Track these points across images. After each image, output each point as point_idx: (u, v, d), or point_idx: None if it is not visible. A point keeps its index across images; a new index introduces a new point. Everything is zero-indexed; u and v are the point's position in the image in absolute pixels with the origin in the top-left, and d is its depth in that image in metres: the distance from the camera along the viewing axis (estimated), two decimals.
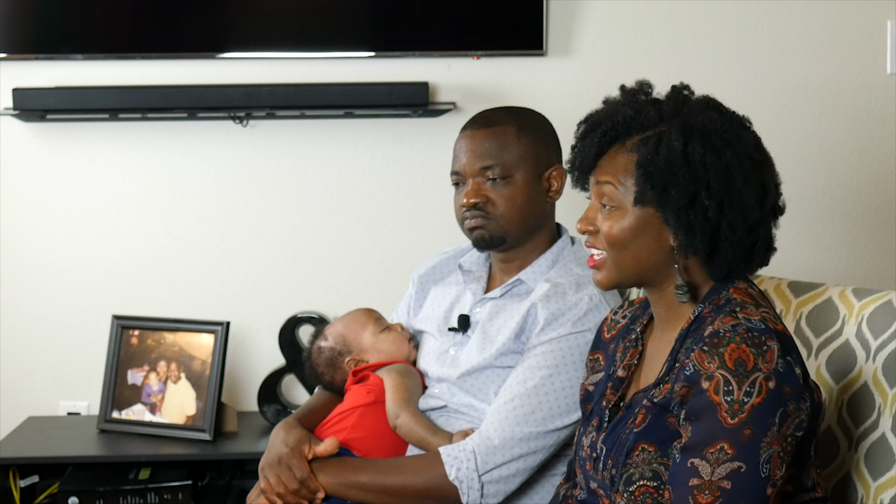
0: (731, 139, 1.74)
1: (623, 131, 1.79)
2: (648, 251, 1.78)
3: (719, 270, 1.77)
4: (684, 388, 1.68)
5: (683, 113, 1.78)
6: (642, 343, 1.90)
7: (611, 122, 1.80)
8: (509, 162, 2.26)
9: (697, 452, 1.64)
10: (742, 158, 1.74)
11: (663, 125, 1.77)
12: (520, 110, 2.39)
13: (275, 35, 3.08)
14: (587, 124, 1.85)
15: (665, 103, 1.81)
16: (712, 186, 1.72)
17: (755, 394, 1.62)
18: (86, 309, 3.14)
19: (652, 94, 1.84)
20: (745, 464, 1.62)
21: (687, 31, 3.11)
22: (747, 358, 1.64)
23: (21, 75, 3.05)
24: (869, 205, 3.15)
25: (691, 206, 1.72)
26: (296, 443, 2.18)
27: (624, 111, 1.80)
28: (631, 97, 1.84)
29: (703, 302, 1.78)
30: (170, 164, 3.13)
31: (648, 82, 1.85)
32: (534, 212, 2.29)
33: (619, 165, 1.78)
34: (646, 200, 1.75)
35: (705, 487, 1.63)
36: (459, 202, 2.30)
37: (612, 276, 1.82)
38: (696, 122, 1.75)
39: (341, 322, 2.46)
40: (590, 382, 1.98)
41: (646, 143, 1.76)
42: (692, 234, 1.74)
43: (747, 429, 1.62)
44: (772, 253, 1.81)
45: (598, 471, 1.81)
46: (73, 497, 2.78)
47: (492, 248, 2.31)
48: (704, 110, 1.78)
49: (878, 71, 3.13)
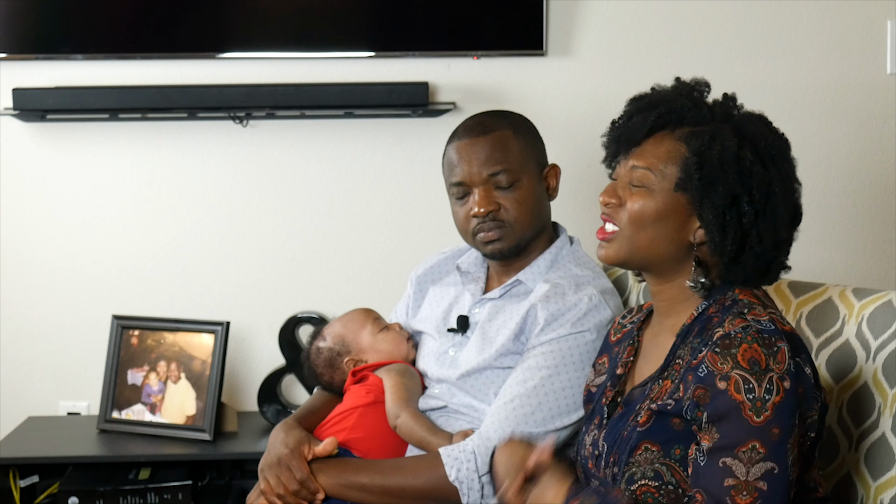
0: (776, 156, 1.78)
1: (677, 119, 1.81)
2: (667, 238, 1.79)
3: (735, 277, 1.79)
4: (700, 390, 1.68)
5: (736, 119, 1.82)
6: (638, 340, 1.90)
7: (668, 107, 1.81)
8: (515, 166, 2.25)
9: (729, 452, 1.64)
10: (784, 177, 1.78)
11: (716, 125, 1.80)
12: (506, 113, 2.37)
13: (275, 35, 3.07)
14: (640, 104, 1.86)
15: (717, 107, 1.84)
16: (754, 195, 1.75)
17: (774, 392, 1.64)
18: (86, 309, 3.14)
19: (706, 95, 1.86)
20: (776, 465, 1.63)
21: (687, 31, 3.11)
22: (760, 358, 1.65)
23: (21, 75, 3.05)
24: (869, 205, 3.15)
25: (731, 207, 1.75)
26: (295, 444, 2.18)
27: (681, 101, 1.82)
28: (687, 90, 1.86)
29: (707, 300, 1.79)
30: (170, 164, 3.13)
31: (706, 81, 1.87)
32: (542, 213, 2.29)
33: (663, 151, 1.79)
34: (688, 189, 1.76)
35: (742, 488, 1.63)
36: (468, 213, 2.26)
37: (621, 252, 1.82)
38: (748, 131, 1.79)
39: (340, 322, 2.46)
40: (594, 384, 1.98)
41: (699, 136, 1.78)
42: (724, 234, 1.75)
43: (775, 427, 1.63)
44: (784, 271, 1.84)
45: (599, 468, 1.82)
46: (73, 497, 2.78)
47: (507, 257, 2.30)
48: (756, 122, 1.82)
49: (878, 71, 3.12)
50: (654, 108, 1.82)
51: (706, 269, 1.79)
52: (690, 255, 1.79)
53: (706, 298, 1.79)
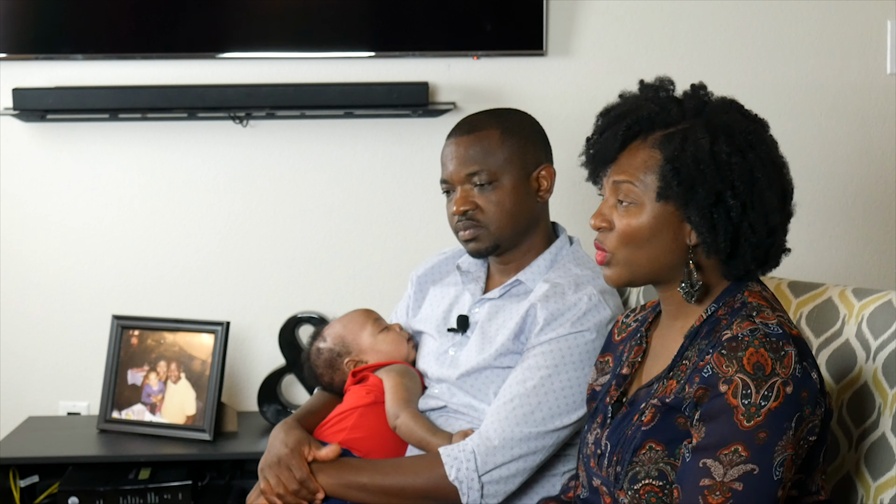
0: (753, 141, 1.74)
1: (647, 126, 1.78)
2: (665, 249, 1.77)
3: (736, 271, 1.77)
4: (701, 390, 1.67)
5: (706, 112, 1.78)
6: (646, 341, 1.90)
7: (635, 116, 1.78)
8: (494, 166, 2.24)
9: (710, 453, 1.64)
10: (765, 161, 1.74)
11: (687, 122, 1.76)
12: (504, 112, 2.37)
13: (275, 35, 3.07)
14: (608, 117, 1.83)
15: (686, 101, 1.80)
16: (737, 187, 1.71)
17: (772, 398, 1.62)
18: (86, 309, 3.14)
19: (672, 91, 1.83)
20: (758, 466, 1.62)
21: (687, 31, 3.11)
22: (765, 362, 1.64)
23: (21, 75, 3.05)
24: (869, 205, 3.15)
25: (716, 205, 1.72)
26: (295, 444, 2.18)
27: (648, 106, 1.79)
28: (652, 92, 1.83)
29: (716, 302, 1.78)
30: (170, 164, 3.13)
31: (669, 79, 1.84)
32: (524, 214, 2.28)
33: (639, 162, 1.77)
34: (670, 196, 1.74)
35: (716, 488, 1.63)
36: (450, 210, 2.29)
37: (623, 275, 1.80)
38: (721, 122, 1.75)
39: (340, 323, 2.46)
40: (598, 383, 1.98)
41: (671, 140, 1.74)
42: (715, 233, 1.73)
43: (762, 432, 1.62)
44: (785, 255, 1.81)
45: (602, 467, 1.81)
46: (73, 497, 2.78)
47: (487, 256, 2.32)
48: (727, 110, 1.78)
49: (878, 71, 3.12)
50: (622, 120, 1.79)
51: (702, 270, 1.78)
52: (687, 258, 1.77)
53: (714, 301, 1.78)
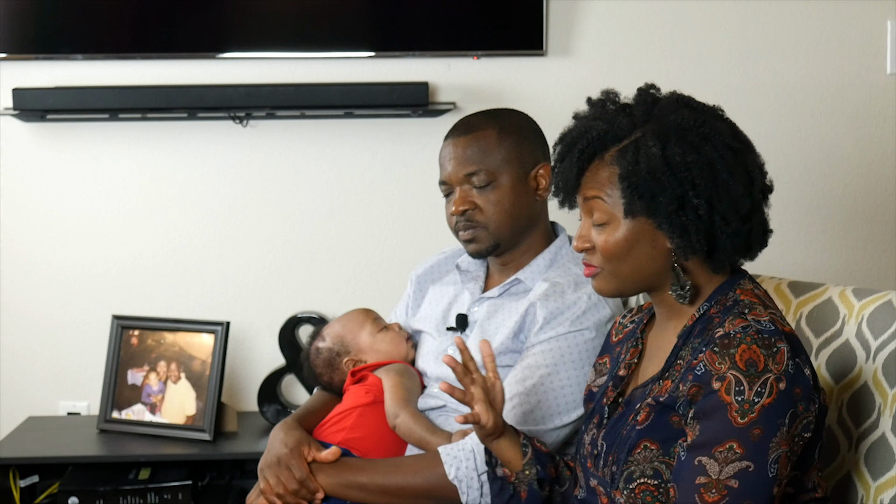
0: (707, 133, 1.73)
1: (599, 146, 1.78)
2: (647, 259, 1.77)
3: (721, 264, 1.77)
4: (694, 388, 1.67)
5: (655, 116, 1.77)
6: (642, 342, 1.90)
7: (585, 139, 1.79)
8: (492, 166, 2.25)
9: (706, 451, 1.64)
10: (722, 150, 1.72)
11: (637, 132, 1.76)
12: (501, 112, 2.38)
13: (275, 35, 3.08)
14: (562, 145, 1.84)
15: (635, 108, 1.80)
16: (698, 185, 1.71)
17: (766, 394, 1.63)
18: (86, 309, 3.14)
19: (619, 101, 1.83)
20: (753, 463, 1.62)
21: (687, 31, 3.11)
22: (758, 359, 1.64)
23: (21, 75, 3.05)
24: (869, 205, 3.15)
25: (682, 208, 1.72)
26: (295, 443, 2.18)
27: (596, 126, 1.79)
28: (600, 109, 1.83)
29: (708, 301, 1.78)
30: (170, 164, 3.13)
31: (614, 90, 1.84)
32: (523, 213, 2.28)
33: (603, 179, 1.77)
34: (636, 211, 1.74)
35: (712, 486, 1.63)
36: (449, 211, 2.29)
37: (612, 286, 1.82)
38: (670, 123, 1.74)
39: (339, 322, 2.46)
40: (595, 384, 1.98)
41: (624, 154, 1.74)
42: (687, 235, 1.73)
43: (757, 429, 1.62)
44: (769, 235, 1.80)
45: (598, 467, 1.82)
46: (73, 497, 2.78)
47: (487, 256, 2.32)
48: (675, 109, 1.77)
49: (878, 71, 3.12)
50: (575, 146, 1.80)
51: (688, 271, 1.78)
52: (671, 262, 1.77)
53: (707, 300, 1.78)
